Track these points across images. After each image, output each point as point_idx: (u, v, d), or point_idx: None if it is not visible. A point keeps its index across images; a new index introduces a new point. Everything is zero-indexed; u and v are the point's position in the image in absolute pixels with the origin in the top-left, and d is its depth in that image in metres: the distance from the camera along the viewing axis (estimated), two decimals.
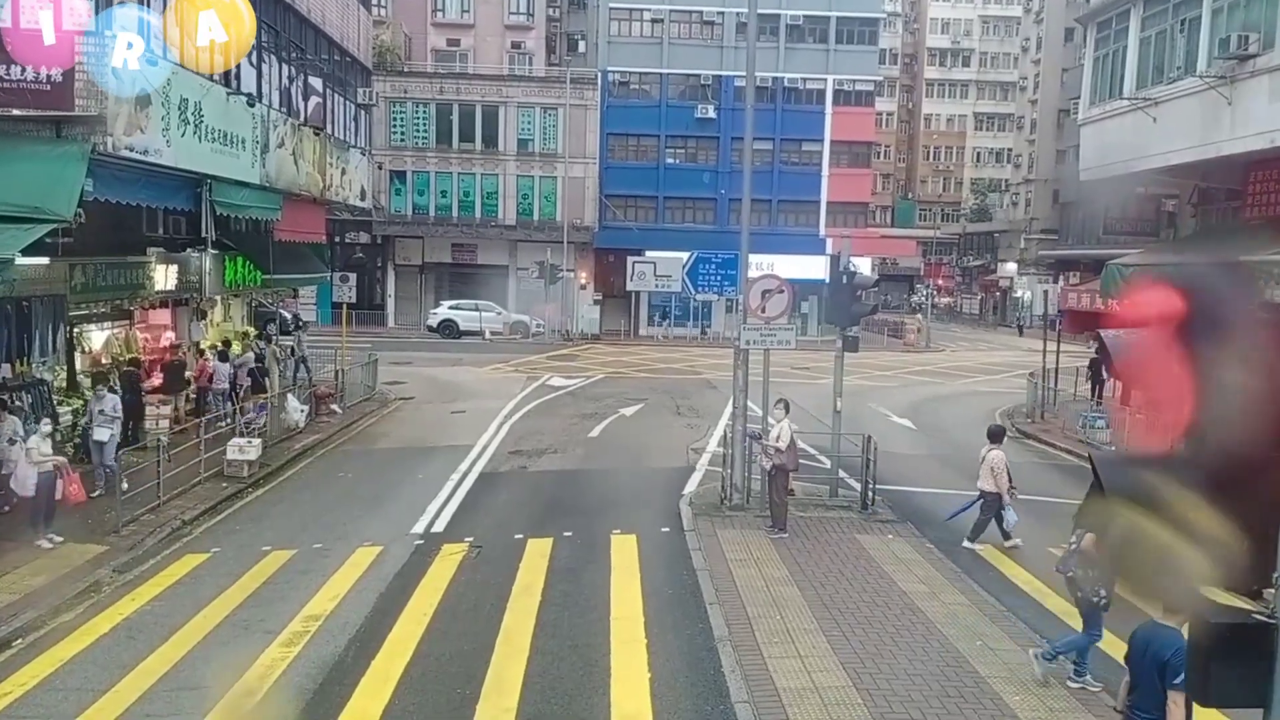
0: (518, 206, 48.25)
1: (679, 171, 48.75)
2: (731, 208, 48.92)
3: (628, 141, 49.26)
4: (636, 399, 25.14)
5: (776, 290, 14.16)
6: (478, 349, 38.10)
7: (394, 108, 47.65)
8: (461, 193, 48.26)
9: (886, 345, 47.30)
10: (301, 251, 23.76)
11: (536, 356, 35.52)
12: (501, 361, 33.40)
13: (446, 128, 47.84)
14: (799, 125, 48.49)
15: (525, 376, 29.67)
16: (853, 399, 26.77)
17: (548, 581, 10.89)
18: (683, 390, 27.31)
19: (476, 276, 48.76)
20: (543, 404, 24.30)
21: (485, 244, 48.22)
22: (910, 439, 21.40)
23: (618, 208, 48.80)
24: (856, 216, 50.06)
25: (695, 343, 44.82)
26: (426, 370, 30.90)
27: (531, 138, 48.07)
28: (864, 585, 10.68)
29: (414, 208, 48.18)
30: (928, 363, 38.53)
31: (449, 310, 42.78)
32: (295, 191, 20.01)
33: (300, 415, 19.22)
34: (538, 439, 19.49)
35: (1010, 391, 29.18)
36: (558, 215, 47.29)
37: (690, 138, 48.97)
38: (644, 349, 40.90)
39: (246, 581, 11.16)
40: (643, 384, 28.63)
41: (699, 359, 36.55)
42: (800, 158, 49.23)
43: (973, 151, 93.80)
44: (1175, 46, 20.04)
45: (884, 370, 34.68)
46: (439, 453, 18.26)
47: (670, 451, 18.55)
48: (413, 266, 48.69)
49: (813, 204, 49.04)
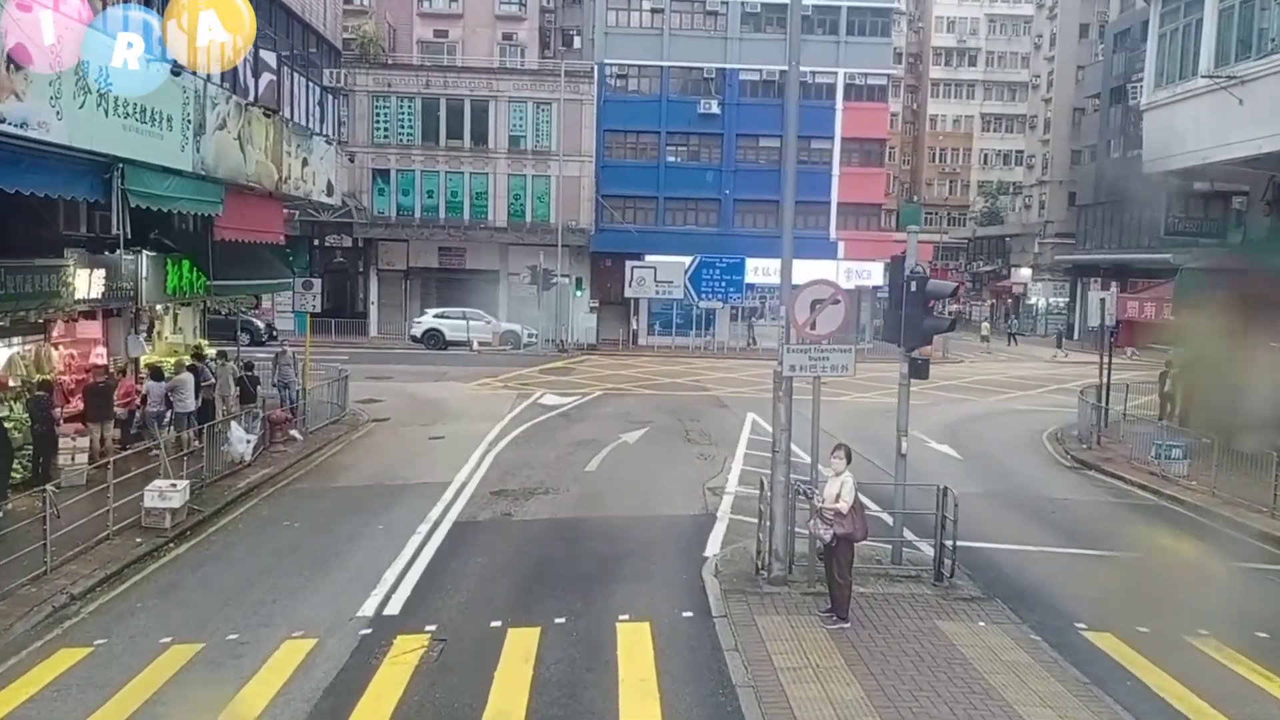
0: (509, 208, 45.35)
1: (680, 170, 45.90)
2: (736, 209, 46.13)
3: (626, 139, 46.40)
4: (640, 421, 22.21)
5: (830, 300, 11.19)
6: (465, 361, 35.16)
7: (377, 102, 44.76)
8: (449, 193, 45.36)
9: (897, 355, 44.44)
10: (259, 254, 20.81)
11: (528, 370, 32.61)
12: (490, 376, 30.47)
13: (433, 124, 44.95)
14: (808, 121, 45.37)
15: (515, 393, 26.75)
16: (878, 420, 23.91)
17: (532, 704, 7.94)
18: (691, 410, 24.40)
19: (465, 282, 45.81)
20: (533, 428, 21.36)
21: (474, 248, 45.31)
22: (957, 471, 18.47)
23: (615, 209, 45.93)
24: (869, 218, 47.23)
25: (699, 353, 41.92)
26: (407, 386, 27.96)
27: (524, 134, 45.18)
28: (970, 712, 7.76)
29: (398, 209, 45.25)
30: (951, 376, 35.66)
31: (434, 319, 39.83)
32: (243, 183, 17.06)
33: (245, 447, 16.24)
34: (526, 474, 16.55)
35: (1051, 409, 26.34)
36: (552, 217, 44.40)
37: (692, 134, 46.12)
38: (644, 361, 37.99)
39: (125, 697, 8.21)
40: (645, 402, 25.71)
41: (704, 372, 33.66)
42: (809, 156, 46.33)
43: (980, 153, 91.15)
44: (1271, 13, 17.17)
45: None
46: (408, 492, 15.31)
47: (683, 491, 15.60)
48: (397, 272, 45.74)
49: (822, 205, 46.20)
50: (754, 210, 46.31)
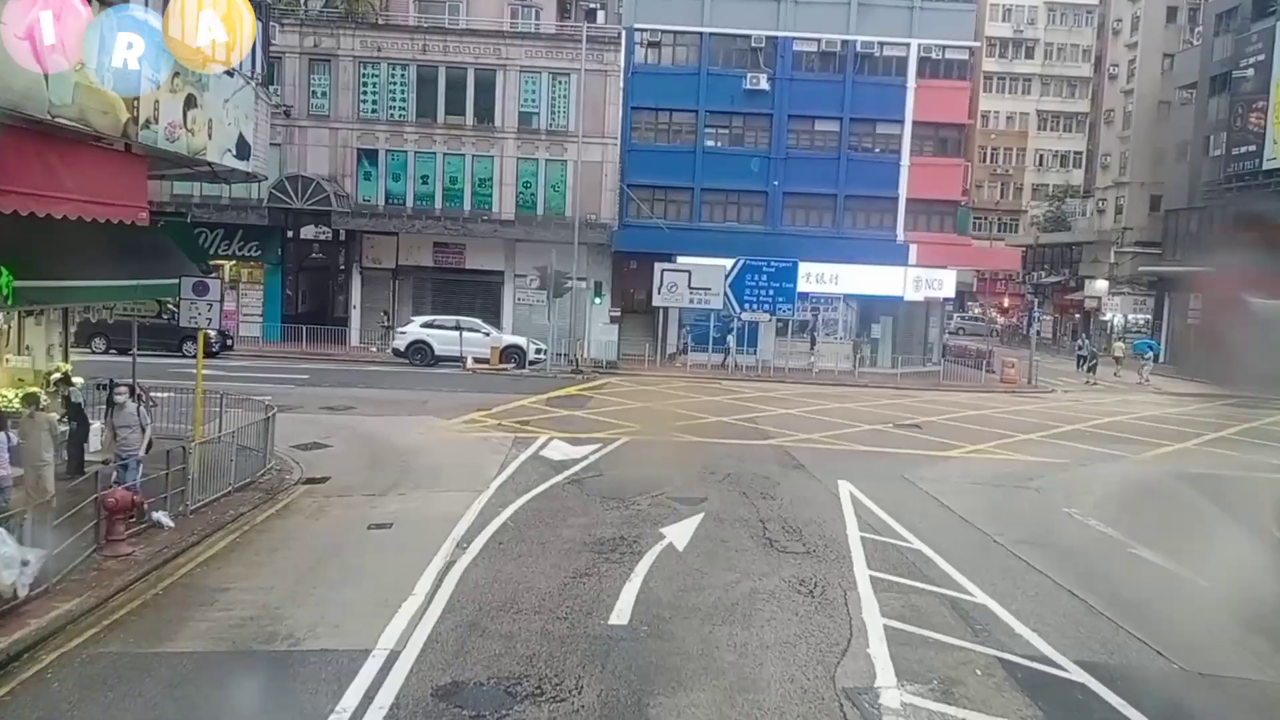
0: (518, 198, 38.42)
1: (721, 157, 38.82)
2: (787, 204, 39.01)
3: (657, 118, 39.37)
4: (686, 498, 15.12)
5: None
6: (455, 384, 28.20)
7: (364, 70, 37.94)
8: (447, 179, 38.47)
9: (974, 381, 37.25)
10: (133, 241, 13.84)
11: (532, 399, 25.61)
12: (482, 407, 23.50)
13: (430, 97, 38.09)
14: (874, 101, 38.52)
15: (511, 438, 19.72)
16: (1020, 496, 16.79)
17: None
18: (757, 474, 17.26)
19: (464, 285, 38.95)
20: (530, 509, 14.28)
21: (476, 244, 38.38)
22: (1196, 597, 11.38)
23: (643, 201, 38.91)
24: (942, 218, 39.99)
25: (743, 376, 34.83)
26: (371, 422, 21.02)
27: (537, 111, 38.26)
28: None
29: (387, 196, 38.39)
30: (1057, 414, 28.45)
31: (421, 329, 32.83)
32: (41, 117, 10.09)
33: (16, 574, 9.24)
34: (507, 628, 9.44)
35: (1235, 470, 19.20)
36: (568, 209, 37.46)
37: (736, 115, 39.02)
38: (677, 385, 30.94)
39: None
40: (690, 458, 18.60)
41: (755, 405, 26.53)
42: (874, 143, 39.23)
43: (1035, 154, 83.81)
44: None
45: (1010, 427, 24.61)
46: (281, 682, 8.32)
47: (798, 699, 8.36)
48: (383, 270, 38.85)
49: (889, 201, 39.01)
50: (807, 205, 39.17)
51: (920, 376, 37.65)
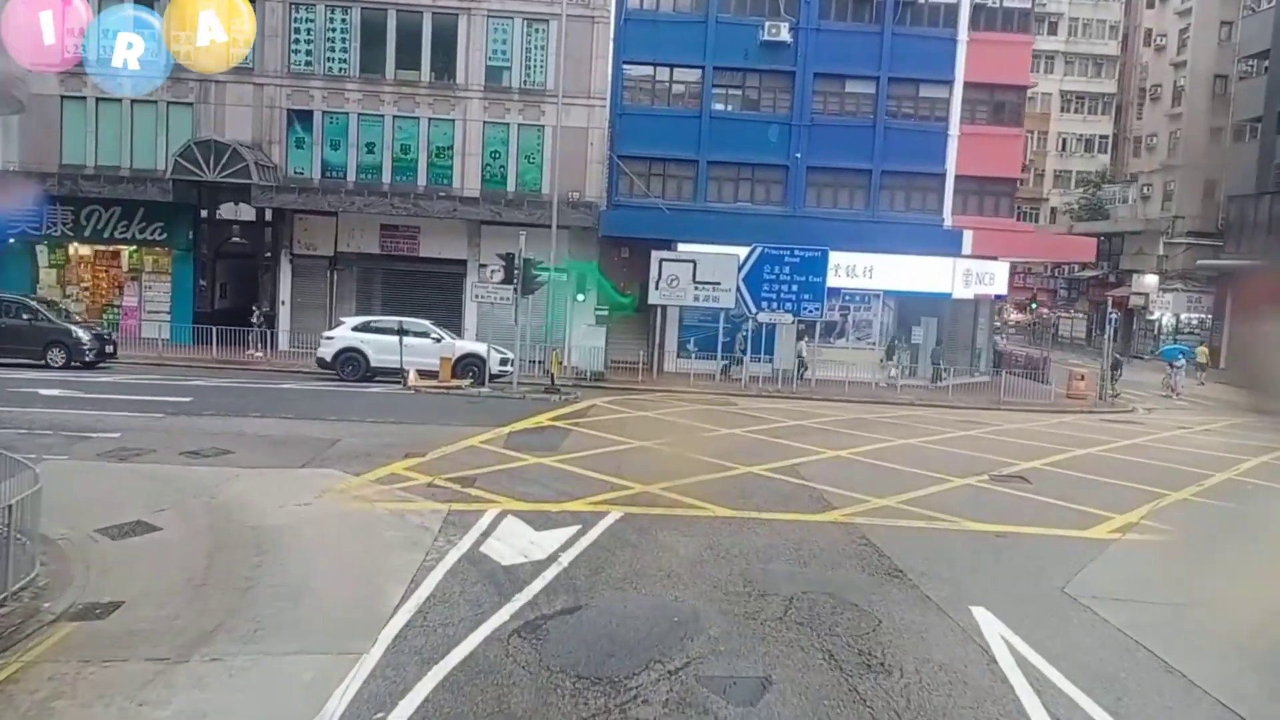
0: (484, 171, 31.64)
1: (732, 124, 32.10)
2: (811, 181, 32.28)
3: (655, 76, 32.61)
4: (730, 677, 8.26)
5: None
6: (387, 409, 21.34)
7: (297, 13, 31.02)
8: (398, 147, 31.64)
9: (1037, 396, 30.61)
10: None
11: (487, 434, 18.69)
12: (414, 450, 16.61)
13: (378, 47, 31.24)
14: (917, 58, 31.85)
15: (442, 513, 12.78)
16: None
17: None
18: (838, 602, 10.21)
19: (418, 277, 32.12)
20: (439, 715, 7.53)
21: (432, 227, 31.56)
22: None
23: (637, 176, 32.13)
24: (998, 199, 33.34)
25: (758, 391, 28.13)
26: (239, 483, 14.02)
27: (508, 65, 31.45)
28: None
29: (324, 167, 31.53)
30: (1180, 449, 21.88)
31: (353, 334, 25.81)
32: None
33: None
34: None
35: None
36: (545, 185, 30.72)
37: (751, 72, 32.29)
38: (681, 408, 24.21)
39: None
40: (719, 557, 11.60)
41: (788, 438, 19.64)
42: (917, 108, 32.57)
43: (1057, 137, 77.49)
44: None
45: (1142, 475, 17.67)
46: None
47: None
48: (320, 258, 31.97)
49: (934, 178, 32.37)
50: (836, 183, 32.45)
51: (972, 390, 31.04)
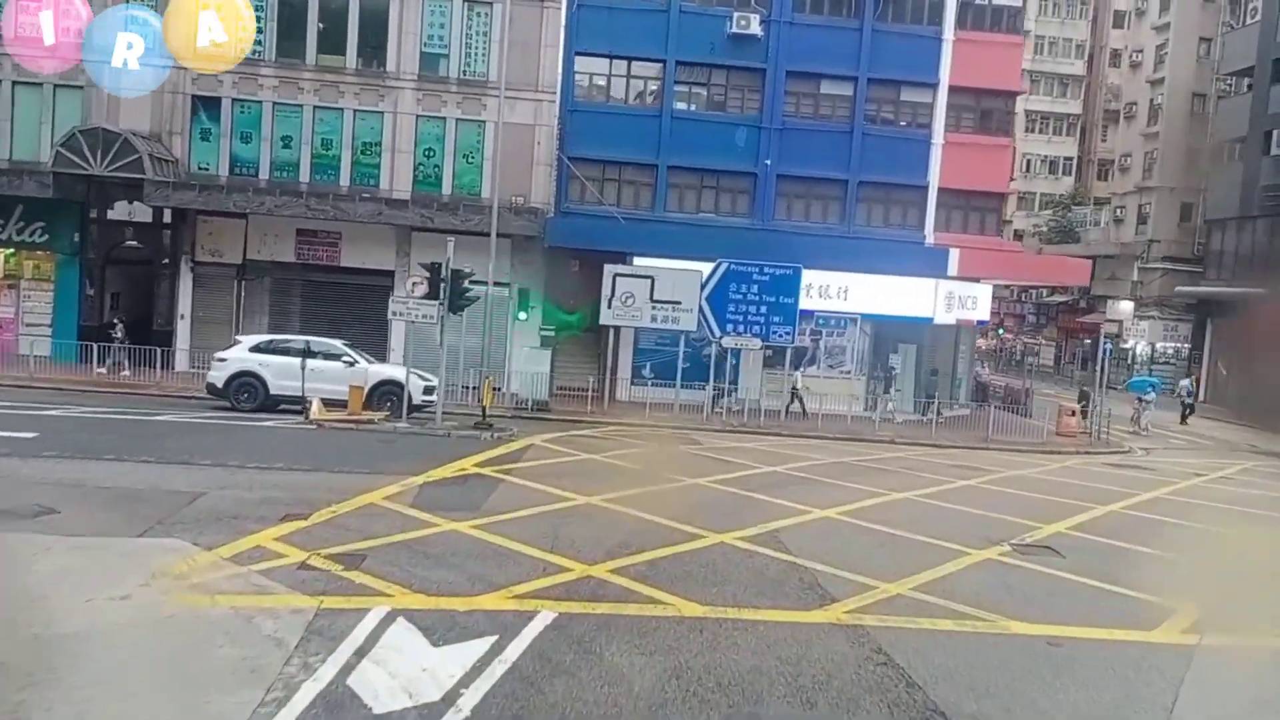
0: (416, 170, 28.12)
1: (696, 125, 28.97)
2: (782, 191, 29.21)
3: (611, 69, 29.38)
4: None
5: None
6: (278, 449, 17.58)
7: None
8: (319, 141, 28.00)
9: (1024, 433, 27.67)
10: None
11: (393, 487, 14.96)
12: (294, 510, 12.89)
13: (297, 28, 27.63)
14: (899, 57, 29.01)
15: (307, 614, 9.05)
16: None
17: None
18: None
19: (340, 290, 28.43)
20: None
21: (357, 233, 27.92)
22: None
23: (590, 180, 28.85)
24: (983, 216, 30.55)
25: (720, 426, 24.88)
26: (50, 559, 10.06)
27: (445, 53, 28.04)
28: None
29: (233, 163, 27.77)
30: (1194, 503, 18.99)
31: (250, 354, 21.96)
32: None
33: None
34: None
35: None
36: (485, 188, 27.32)
37: (717, 68, 29.21)
38: (634, 446, 20.80)
39: None
40: (686, 690, 8.29)
41: (764, 492, 16.25)
42: (898, 113, 29.74)
43: (1022, 158, 75.79)
44: None
45: (1177, 542, 14.59)
46: None
47: None
48: (226, 266, 28.12)
49: (915, 191, 29.52)
50: (809, 194, 29.45)
51: (954, 426, 28.09)
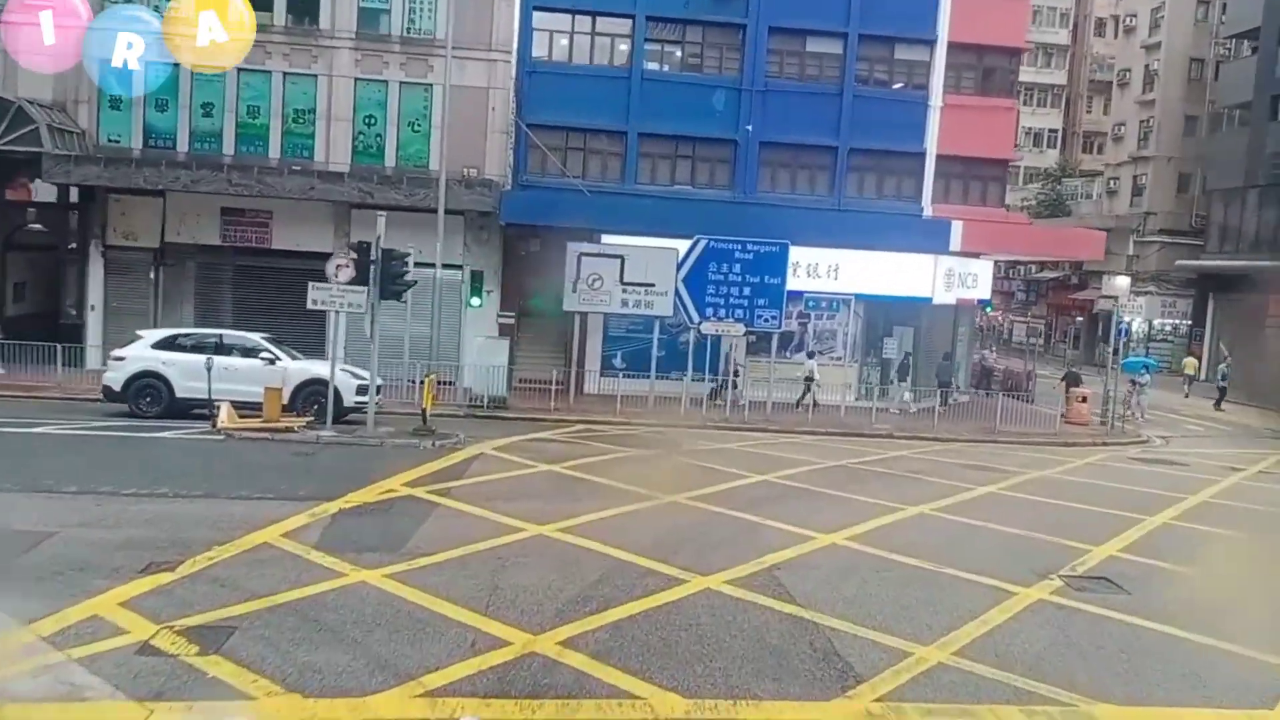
0: (355, 140, 25.13)
1: (669, 88, 26.14)
2: (765, 159, 26.44)
3: (575, 25, 26.44)
4: None
5: None
6: (165, 470, 14.59)
7: None
8: (244, 109, 24.92)
9: (1032, 422, 25.20)
10: None
11: (298, 515, 12.04)
12: (165, 555, 10.06)
13: None
14: (893, 11, 26.28)
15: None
16: None
17: None
18: None
19: (273, 275, 25.38)
20: None
21: (289, 211, 24.89)
22: None
23: (551, 150, 25.96)
24: (987, 185, 27.91)
25: (708, 423, 22.20)
26: None
27: (386, 8, 25.03)
28: None
29: (147, 134, 24.65)
30: (1250, 508, 16.54)
31: (154, 351, 18.91)
32: None
33: None
34: None
35: None
36: (432, 160, 24.36)
37: (693, 24, 26.37)
38: (601, 451, 18.04)
39: None
40: None
41: (756, 509, 13.48)
42: (892, 73, 27.04)
43: None
44: None
45: (1260, 566, 12.08)
46: None
47: None
48: (142, 250, 25.00)
49: (912, 159, 26.86)
50: (795, 162, 26.70)
51: (955, 416, 25.48)
